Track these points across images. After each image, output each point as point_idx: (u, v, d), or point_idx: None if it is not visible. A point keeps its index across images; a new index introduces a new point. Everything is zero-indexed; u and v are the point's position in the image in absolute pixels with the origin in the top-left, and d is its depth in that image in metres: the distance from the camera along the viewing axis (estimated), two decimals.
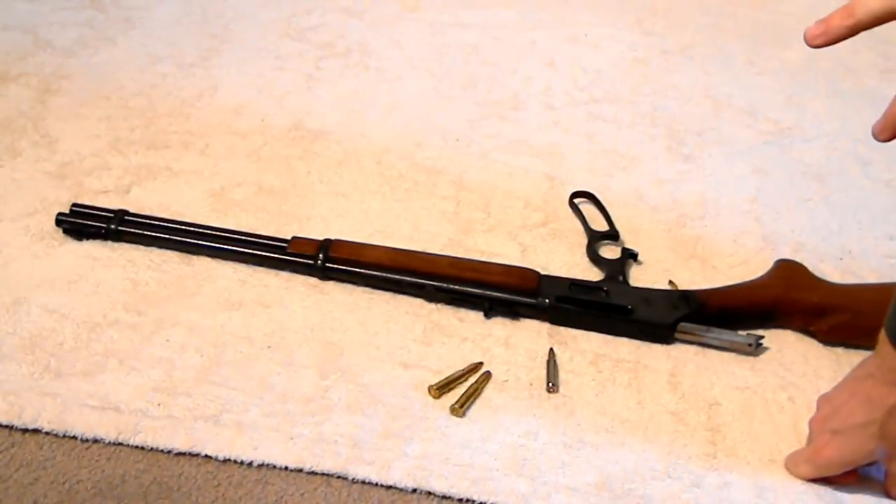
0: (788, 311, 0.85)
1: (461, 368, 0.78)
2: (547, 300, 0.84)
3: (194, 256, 0.87)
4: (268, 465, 0.70)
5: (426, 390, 0.76)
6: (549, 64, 1.24)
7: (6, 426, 0.71)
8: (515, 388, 0.78)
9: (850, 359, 0.84)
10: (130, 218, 0.88)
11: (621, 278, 0.87)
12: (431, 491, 0.70)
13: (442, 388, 0.76)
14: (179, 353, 0.78)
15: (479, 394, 0.77)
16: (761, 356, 0.84)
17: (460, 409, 0.75)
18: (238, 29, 1.23)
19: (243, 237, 0.88)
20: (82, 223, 0.88)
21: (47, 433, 0.71)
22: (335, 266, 0.86)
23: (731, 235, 0.98)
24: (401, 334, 0.82)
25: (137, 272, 0.85)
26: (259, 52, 1.19)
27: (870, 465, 0.72)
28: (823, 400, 0.75)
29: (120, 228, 0.87)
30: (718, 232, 0.98)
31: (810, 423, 0.75)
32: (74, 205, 0.89)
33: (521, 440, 0.74)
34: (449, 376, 0.77)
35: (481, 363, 0.79)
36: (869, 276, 0.94)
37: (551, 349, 0.81)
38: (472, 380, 0.78)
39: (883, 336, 0.69)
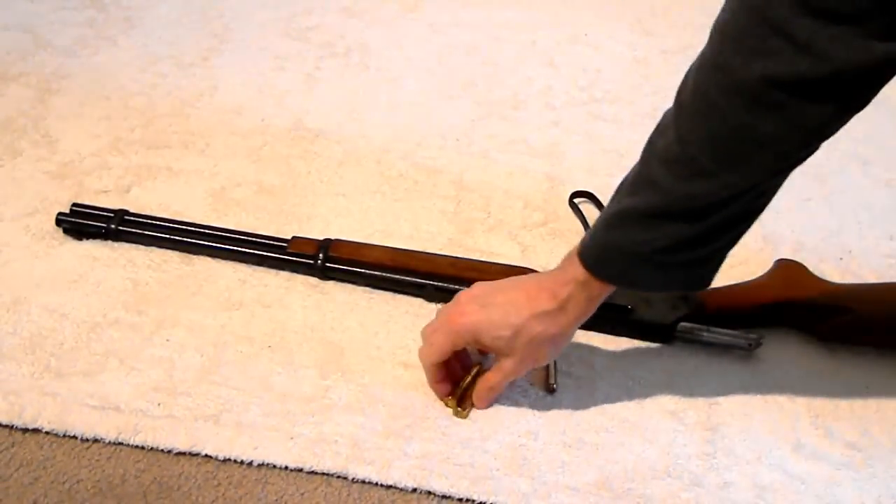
0: (788, 311, 0.85)
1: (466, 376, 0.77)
2: None
3: (194, 256, 0.87)
4: (268, 464, 0.70)
5: (426, 391, 0.76)
6: (549, 64, 1.24)
7: (6, 426, 0.71)
8: (515, 388, 0.78)
9: (851, 359, 0.84)
10: (130, 218, 0.88)
11: None
12: (431, 490, 0.70)
13: (461, 403, 0.75)
14: (179, 353, 0.78)
15: None
16: (761, 356, 0.84)
17: (464, 411, 0.75)
18: (238, 29, 1.24)
19: (243, 237, 0.88)
20: (82, 223, 0.88)
21: (47, 433, 0.71)
22: (335, 266, 0.86)
23: None
24: (401, 334, 0.82)
25: (137, 272, 0.85)
26: (259, 52, 1.19)
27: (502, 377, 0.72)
28: (479, 285, 0.74)
29: (120, 228, 0.87)
30: None
31: (458, 295, 0.74)
32: (74, 204, 0.89)
33: (521, 440, 0.74)
34: (460, 386, 0.76)
35: (480, 363, 0.79)
36: (869, 276, 0.94)
37: None
38: (469, 378, 0.77)
39: (576, 258, 0.68)
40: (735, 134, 0.58)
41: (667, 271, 0.65)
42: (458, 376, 0.76)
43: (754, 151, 0.58)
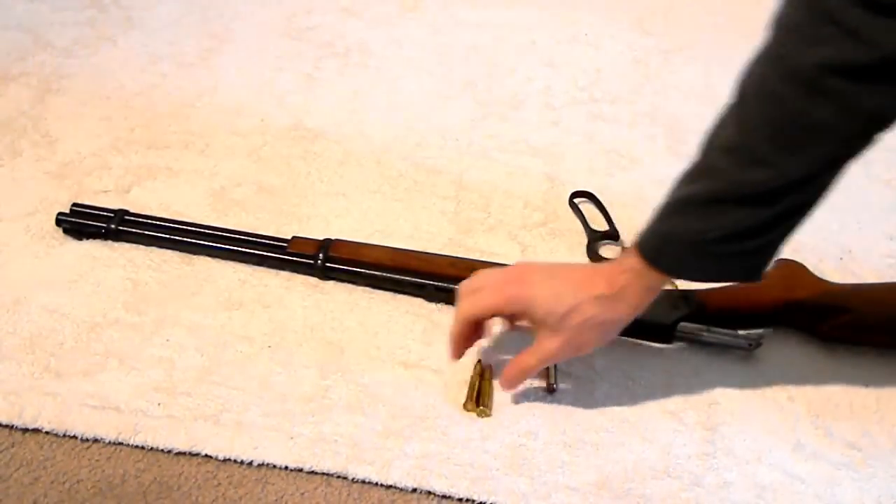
0: (788, 310, 0.85)
1: (471, 374, 0.77)
2: None
3: (194, 256, 0.87)
4: (268, 464, 0.70)
5: (426, 391, 0.76)
6: (549, 64, 1.24)
7: (6, 426, 0.71)
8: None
9: (851, 358, 0.84)
10: (130, 218, 0.88)
11: None
12: (431, 490, 0.70)
13: (478, 400, 0.75)
14: (179, 353, 0.78)
15: (492, 385, 0.76)
16: (761, 356, 0.84)
17: (487, 409, 0.74)
18: (238, 29, 1.23)
19: (243, 237, 0.88)
20: (82, 223, 0.88)
21: (47, 433, 0.71)
22: (335, 266, 0.86)
23: None
24: (401, 334, 0.82)
25: (137, 272, 0.85)
26: (259, 52, 1.19)
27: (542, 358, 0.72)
28: (535, 262, 0.74)
29: (120, 228, 0.87)
30: None
31: (514, 265, 0.74)
32: (74, 204, 0.89)
33: (521, 440, 0.74)
34: (472, 387, 0.76)
35: (479, 361, 0.79)
36: (869, 275, 0.94)
37: None
38: (477, 378, 0.77)
39: (633, 248, 0.68)
40: (793, 121, 0.59)
41: (722, 261, 0.66)
42: (471, 346, 0.75)
43: (812, 139, 0.60)
